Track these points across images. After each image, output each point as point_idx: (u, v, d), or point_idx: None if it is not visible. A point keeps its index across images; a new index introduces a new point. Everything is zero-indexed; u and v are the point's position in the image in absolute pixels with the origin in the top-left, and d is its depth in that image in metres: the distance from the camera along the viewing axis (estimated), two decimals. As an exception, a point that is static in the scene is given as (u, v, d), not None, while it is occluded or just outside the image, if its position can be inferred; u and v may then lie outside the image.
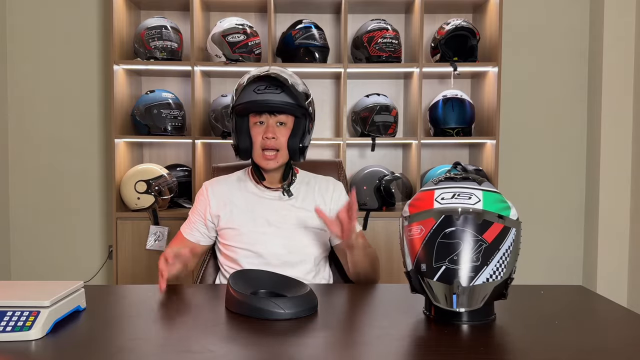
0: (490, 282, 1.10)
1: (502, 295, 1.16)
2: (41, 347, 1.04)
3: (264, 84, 1.60)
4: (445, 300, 1.10)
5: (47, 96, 3.28)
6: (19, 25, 3.26)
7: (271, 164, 1.64)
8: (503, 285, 1.14)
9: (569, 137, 3.36)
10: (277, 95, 1.58)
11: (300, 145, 1.64)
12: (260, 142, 1.62)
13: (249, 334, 1.14)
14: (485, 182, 1.20)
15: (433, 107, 3.07)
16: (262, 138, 1.62)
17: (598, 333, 1.18)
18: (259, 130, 1.63)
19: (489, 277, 1.10)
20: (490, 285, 1.10)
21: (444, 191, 1.17)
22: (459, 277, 1.09)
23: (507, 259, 1.12)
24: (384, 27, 2.97)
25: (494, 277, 1.10)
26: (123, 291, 1.57)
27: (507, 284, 1.15)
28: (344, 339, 1.13)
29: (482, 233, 1.10)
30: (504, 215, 1.13)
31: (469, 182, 1.18)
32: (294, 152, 1.64)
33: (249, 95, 1.59)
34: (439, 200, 1.15)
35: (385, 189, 2.88)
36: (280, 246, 1.65)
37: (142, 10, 3.24)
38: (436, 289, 1.11)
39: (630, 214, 3.17)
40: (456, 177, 1.21)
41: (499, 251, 1.10)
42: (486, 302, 1.12)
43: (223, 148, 3.27)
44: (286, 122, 1.63)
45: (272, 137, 1.61)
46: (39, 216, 3.31)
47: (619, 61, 3.15)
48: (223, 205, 1.70)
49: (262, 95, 1.58)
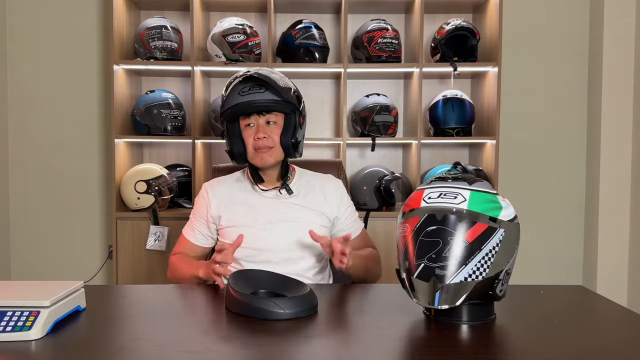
0: (469, 282, 1.10)
1: (494, 296, 1.15)
2: (41, 347, 1.04)
3: (247, 85, 1.61)
4: (424, 298, 1.11)
5: (47, 96, 3.28)
6: (19, 25, 3.26)
7: (266, 158, 1.64)
8: (488, 286, 1.13)
9: (569, 137, 3.36)
10: (262, 94, 1.60)
11: (293, 141, 1.65)
12: (253, 144, 1.64)
13: (249, 334, 1.14)
14: (478, 182, 1.20)
15: (433, 107, 3.07)
16: (254, 139, 1.63)
17: (598, 333, 1.18)
18: (250, 132, 1.64)
19: (467, 276, 1.10)
20: (470, 284, 1.10)
21: (432, 190, 1.18)
22: (436, 275, 1.10)
23: (491, 259, 1.11)
24: (384, 27, 2.97)
25: (474, 277, 1.10)
26: (123, 291, 1.57)
27: (495, 284, 1.14)
28: (344, 339, 1.13)
29: (463, 232, 1.11)
30: (491, 216, 1.13)
31: (460, 182, 1.19)
32: (287, 148, 1.65)
33: (234, 99, 1.61)
34: (425, 200, 1.17)
35: (385, 189, 2.88)
36: (282, 244, 1.65)
37: (142, 10, 3.24)
38: (417, 285, 1.12)
39: (630, 214, 3.17)
40: (448, 177, 1.21)
41: (481, 251, 1.11)
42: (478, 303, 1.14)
43: (223, 148, 3.23)
44: (276, 120, 1.64)
45: (263, 137, 1.62)
46: (39, 216, 3.31)
47: (619, 61, 3.15)
48: (224, 205, 1.71)
49: (246, 96, 1.60)
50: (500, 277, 1.14)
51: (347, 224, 1.76)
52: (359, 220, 1.81)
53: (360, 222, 1.81)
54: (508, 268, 1.16)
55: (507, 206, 1.18)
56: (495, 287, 1.14)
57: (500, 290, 1.17)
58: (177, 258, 1.74)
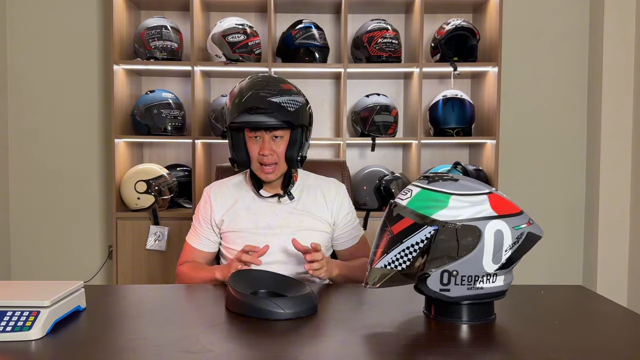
0: (389, 269, 1.18)
1: (419, 289, 1.18)
2: (41, 347, 1.04)
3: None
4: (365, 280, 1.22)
5: (47, 96, 3.28)
6: (19, 26, 3.26)
7: (270, 177, 1.64)
8: (423, 280, 1.16)
9: (569, 137, 3.36)
10: (270, 115, 1.56)
11: (298, 157, 1.64)
12: (257, 157, 1.62)
13: (249, 334, 1.14)
14: (461, 182, 1.20)
15: (433, 107, 3.07)
16: (259, 154, 1.61)
17: (598, 333, 1.18)
18: (255, 145, 1.62)
19: (387, 264, 1.18)
20: (390, 271, 1.18)
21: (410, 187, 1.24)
22: (371, 259, 1.21)
23: (413, 253, 1.15)
24: (384, 27, 2.97)
25: (394, 266, 1.17)
26: (123, 291, 1.57)
27: (426, 277, 1.15)
28: (344, 339, 1.13)
29: (392, 224, 1.19)
30: (423, 213, 1.15)
31: (440, 181, 1.20)
32: (292, 162, 1.64)
33: (243, 116, 1.57)
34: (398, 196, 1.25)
35: (385, 189, 2.88)
36: (282, 248, 1.65)
37: (142, 10, 3.24)
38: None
39: (630, 214, 3.17)
40: (430, 176, 1.23)
41: (402, 244, 1.16)
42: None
43: (223, 148, 3.27)
44: (283, 135, 1.62)
45: (269, 154, 1.60)
46: (39, 216, 3.31)
47: (619, 61, 3.15)
48: (225, 209, 1.70)
49: (254, 116, 1.57)
50: (430, 272, 1.14)
51: (346, 230, 1.75)
52: (359, 227, 1.79)
53: (360, 230, 1.79)
54: (453, 269, 1.14)
55: (459, 207, 1.15)
56: (427, 281, 1.15)
57: (445, 289, 1.15)
58: (186, 267, 1.70)
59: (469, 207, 1.15)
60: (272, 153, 1.61)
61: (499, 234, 1.14)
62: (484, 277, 1.15)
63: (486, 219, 1.14)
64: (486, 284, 1.16)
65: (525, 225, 1.18)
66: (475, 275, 1.15)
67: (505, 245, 1.15)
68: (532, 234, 1.18)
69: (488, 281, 1.16)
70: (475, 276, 1.15)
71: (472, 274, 1.15)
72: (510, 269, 1.18)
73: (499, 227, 1.14)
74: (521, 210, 1.19)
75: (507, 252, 1.15)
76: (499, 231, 1.14)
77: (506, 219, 1.16)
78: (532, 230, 1.18)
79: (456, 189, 1.17)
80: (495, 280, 1.17)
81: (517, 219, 1.17)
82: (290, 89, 1.60)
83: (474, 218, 1.14)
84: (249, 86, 1.58)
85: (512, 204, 1.20)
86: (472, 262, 1.14)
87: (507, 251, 1.15)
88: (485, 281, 1.16)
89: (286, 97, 1.56)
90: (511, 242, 1.15)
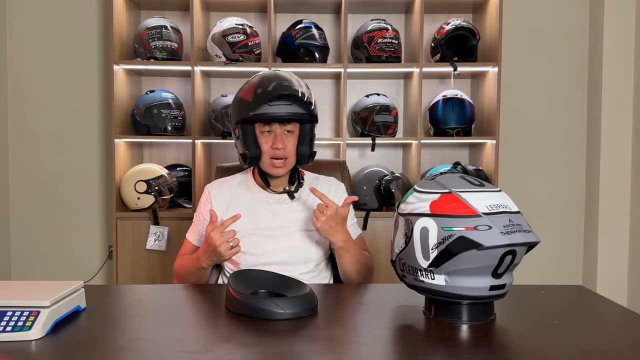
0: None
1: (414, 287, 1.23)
2: (41, 347, 1.04)
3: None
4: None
5: (47, 96, 3.28)
6: (19, 26, 3.26)
7: (280, 171, 1.64)
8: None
9: (569, 137, 3.36)
10: (290, 107, 1.56)
11: (309, 152, 1.65)
12: (269, 152, 1.61)
13: (249, 334, 1.14)
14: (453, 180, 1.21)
15: (433, 107, 3.07)
16: (271, 148, 1.60)
17: (598, 333, 1.18)
18: (267, 139, 1.61)
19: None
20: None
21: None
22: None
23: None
24: (384, 27, 2.98)
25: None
26: (123, 291, 1.57)
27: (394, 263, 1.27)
28: (344, 339, 1.13)
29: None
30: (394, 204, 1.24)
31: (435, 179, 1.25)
32: (303, 158, 1.65)
33: (263, 107, 1.56)
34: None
35: (385, 189, 2.88)
36: (282, 249, 1.65)
37: (142, 10, 3.24)
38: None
39: (630, 214, 3.17)
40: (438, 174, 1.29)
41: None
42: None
43: (223, 148, 3.28)
44: (293, 129, 1.62)
45: (282, 147, 1.60)
46: (39, 216, 3.31)
47: (619, 61, 3.15)
48: (226, 207, 1.70)
49: (274, 107, 1.56)
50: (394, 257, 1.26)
51: None
52: (357, 227, 1.79)
53: (357, 229, 1.79)
54: (402, 258, 1.22)
55: (413, 202, 1.20)
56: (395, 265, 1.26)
57: (403, 276, 1.24)
58: (179, 260, 1.72)
59: (417, 203, 1.19)
60: (285, 147, 1.61)
61: (425, 231, 1.15)
62: (422, 271, 1.18)
63: (418, 215, 1.17)
64: (426, 279, 1.18)
65: (462, 229, 1.11)
66: (415, 267, 1.19)
67: (430, 243, 1.14)
68: (466, 239, 1.09)
69: (427, 277, 1.17)
70: (415, 268, 1.19)
71: (413, 265, 1.19)
72: (449, 270, 1.14)
73: (426, 225, 1.15)
74: (478, 214, 1.11)
75: (433, 251, 1.14)
76: (425, 228, 1.15)
77: (438, 218, 1.14)
78: (469, 236, 1.09)
79: (422, 187, 1.22)
80: (434, 278, 1.17)
81: (455, 221, 1.12)
82: (302, 84, 1.62)
83: (411, 213, 1.19)
84: (269, 78, 1.59)
85: (468, 206, 1.13)
86: (410, 253, 1.19)
87: (433, 250, 1.14)
88: (425, 276, 1.18)
89: (305, 89, 1.59)
90: (436, 242, 1.13)
